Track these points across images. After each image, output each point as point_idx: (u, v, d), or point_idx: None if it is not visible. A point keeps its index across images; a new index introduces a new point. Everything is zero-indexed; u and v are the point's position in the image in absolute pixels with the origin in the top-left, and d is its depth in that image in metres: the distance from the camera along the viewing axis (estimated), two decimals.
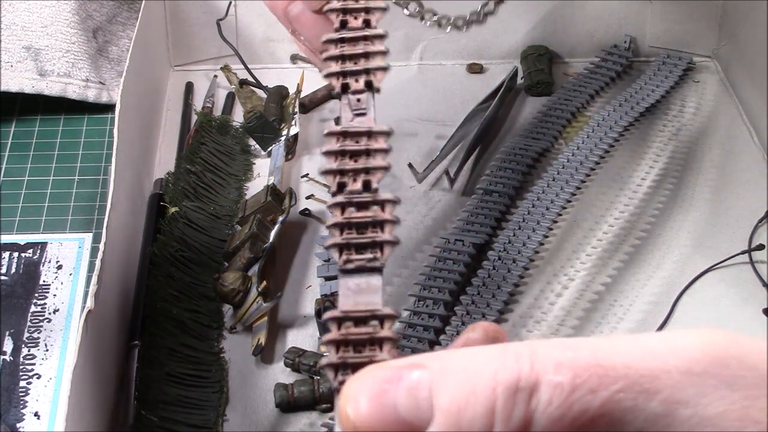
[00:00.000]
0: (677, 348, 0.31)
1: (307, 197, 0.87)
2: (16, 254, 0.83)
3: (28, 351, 0.75)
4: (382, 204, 0.42)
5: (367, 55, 0.45)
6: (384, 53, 0.45)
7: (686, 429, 0.30)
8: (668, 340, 0.31)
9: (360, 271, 0.40)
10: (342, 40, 0.45)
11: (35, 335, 0.77)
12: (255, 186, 0.88)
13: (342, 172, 0.42)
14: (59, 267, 0.82)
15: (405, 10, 0.67)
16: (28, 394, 0.73)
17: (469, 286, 0.77)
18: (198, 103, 0.97)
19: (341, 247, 0.41)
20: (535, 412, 0.30)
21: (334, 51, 0.45)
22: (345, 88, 0.45)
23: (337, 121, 0.43)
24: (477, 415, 0.30)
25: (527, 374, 0.31)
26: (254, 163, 0.91)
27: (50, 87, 0.96)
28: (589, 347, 0.31)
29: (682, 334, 0.31)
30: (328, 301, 0.77)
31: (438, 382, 0.31)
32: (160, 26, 0.99)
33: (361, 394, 0.32)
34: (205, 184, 0.87)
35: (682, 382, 0.30)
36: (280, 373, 0.74)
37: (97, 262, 0.68)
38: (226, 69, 1.00)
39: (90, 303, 0.66)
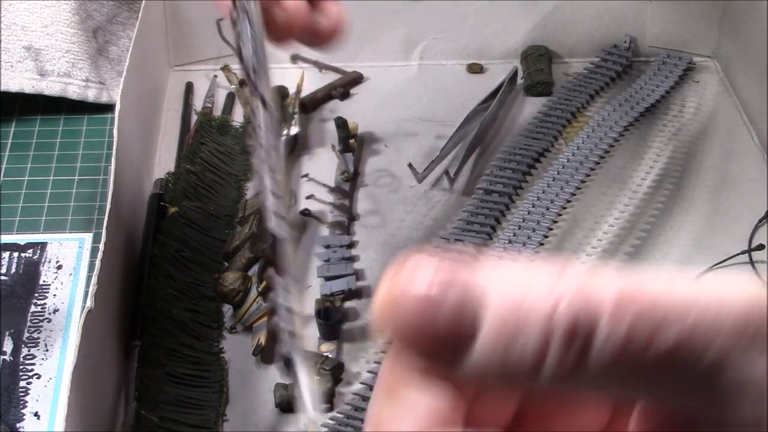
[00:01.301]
0: (732, 299, 0.30)
1: (307, 197, 0.87)
2: (16, 254, 0.83)
3: (28, 351, 0.75)
4: None
5: None
6: None
7: (731, 388, 0.29)
8: (724, 289, 0.30)
9: None
10: None
11: (35, 335, 0.77)
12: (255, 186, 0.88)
13: None
14: (59, 267, 0.82)
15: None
16: (28, 394, 0.73)
17: None
18: (198, 103, 0.97)
19: None
20: (593, 344, 0.29)
21: None
22: None
23: None
24: (528, 346, 0.29)
25: (587, 305, 0.29)
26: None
27: (50, 87, 0.96)
28: (652, 283, 0.30)
29: (738, 286, 0.31)
30: (328, 301, 0.77)
31: (488, 297, 0.30)
32: (160, 26, 0.99)
33: (404, 298, 0.31)
34: (205, 184, 0.87)
35: (732, 341, 0.30)
36: (280, 373, 0.74)
37: (97, 262, 0.68)
38: (226, 69, 1.00)
39: (90, 303, 0.66)
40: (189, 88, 0.99)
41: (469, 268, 0.30)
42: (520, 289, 0.29)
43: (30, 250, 0.83)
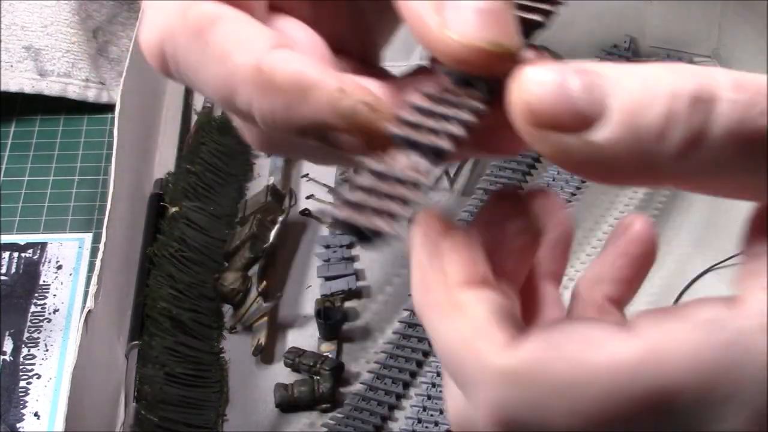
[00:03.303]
0: None
1: (307, 197, 0.87)
2: (16, 254, 0.83)
3: (28, 351, 0.75)
4: None
5: None
6: None
7: None
8: None
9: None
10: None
11: (35, 335, 0.77)
12: (255, 186, 0.88)
13: None
14: (59, 267, 0.82)
15: None
16: (28, 394, 0.73)
17: None
18: (198, 103, 0.97)
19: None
20: (713, 122, 0.31)
21: None
22: None
23: None
24: (655, 117, 0.31)
25: (705, 87, 0.31)
26: (254, 163, 0.91)
27: (50, 87, 0.96)
28: (759, 77, 0.32)
29: None
30: (328, 301, 0.77)
31: (614, 85, 0.32)
32: None
33: (546, 81, 0.32)
34: (205, 184, 0.87)
35: None
36: (280, 373, 0.74)
37: (97, 262, 0.68)
38: None
39: (90, 303, 0.66)
40: (189, 88, 0.99)
41: (592, 71, 0.32)
42: (642, 73, 0.32)
43: (30, 250, 0.83)
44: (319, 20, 0.40)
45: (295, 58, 0.35)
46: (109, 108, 0.96)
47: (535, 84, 0.32)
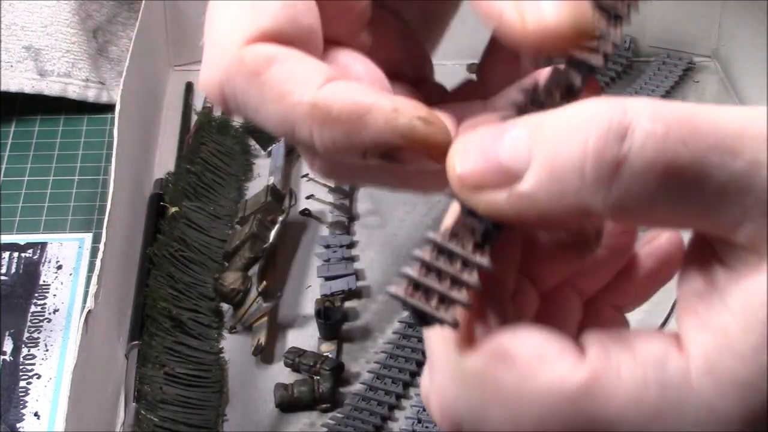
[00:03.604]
0: (757, 117, 0.32)
1: (307, 197, 0.87)
2: (16, 254, 0.83)
3: (28, 351, 0.75)
4: None
5: None
6: None
7: (765, 189, 0.32)
8: (747, 111, 0.33)
9: None
10: None
11: (35, 335, 0.77)
12: (255, 186, 0.88)
13: None
14: (59, 267, 0.82)
15: None
16: (28, 394, 0.73)
17: None
18: (198, 103, 0.97)
19: None
20: (629, 153, 0.31)
21: None
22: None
23: None
24: (570, 155, 0.32)
25: (620, 119, 0.31)
26: (254, 163, 0.91)
27: (50, 87, 0.96)
28: (679, 106, 0.32)
29: (759, 108, 0.33)
30: (328, 301, 0.77)
31: (535, 133, 0.33)
32: (160, 26, 0.99)
33: (467, 149, 0.33)
34: (205, 184, 0.87)
35: (763, 145, 0.32)
36: (280, 373, 0.74)
37: (97, 262, 0.68)
38: None
39: (90, 303, 0.66)
40: (189, 88, 0.99)
41: (514, 128, 0.33)
42: (560, 119, 0.33)
43: (30, 250, 0.83)
44: (375, 48, 0.42)
45: (348, 88, 0.37)
46: (109, 108, 0.96)
47: (461, 154, 0.34)
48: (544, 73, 0.37)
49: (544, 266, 0.39)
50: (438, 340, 0.35)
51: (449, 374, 0.35)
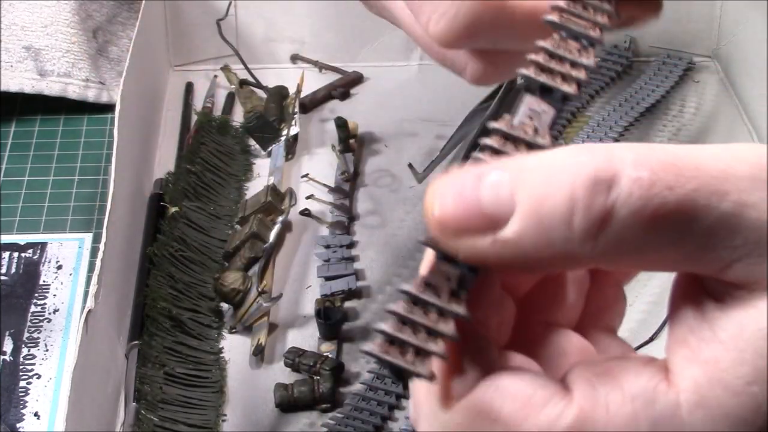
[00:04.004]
0: (741, 156, 0.32)
1: (307, 197, 0.87)
2: (16, 254, 0.83)
3: (28, 351, 0.75)
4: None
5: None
6: None
7: (753, 229, 0.31)
8: (731, 149, 0.33)
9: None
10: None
11: (35, 335, 0.77)
12: (255, 186, 0.88)
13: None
14: (59, 267, 0.82)
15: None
16: (28, 394, 0.73)
17: None
18: (198, 103, 0.97)
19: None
20: (615, 203, 0.31)
21: None
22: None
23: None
24: (557, 205, 0.31)
25: (606, 168, 0.31)
26: (254, 163, 0.91)
27: (50, 87, 0.96)
28: (662, 149, 0.32)
29: (742, 145, 0.33)
30: (328, 301, 0.77)
31: (518, 178, 0.32)
32: (160, 26, 0.99)
33: (446, 192, 0.33)
34: (205, 184, 0.87)
35: (749, 186, 0.32)
36: (280, 373, 0.74)
37: (97, 262, 0.68)
38: (226, 69, 1.00)
39: (90, 303, 0.66)
40: (189, 88, 0.99)
41: (493, 171, 0.33)
42: (544, 164, 0.32)
43: (30, 250, 0.83)
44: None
45: None
46: (109, 108, 0.96)
47: (440, 199, 0.33)
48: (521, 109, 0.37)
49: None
50: (422, 390, 0.35)
51: (433, 427, 0.34)
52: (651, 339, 0.74)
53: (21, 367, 0.74)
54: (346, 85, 0.99)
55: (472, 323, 0.34)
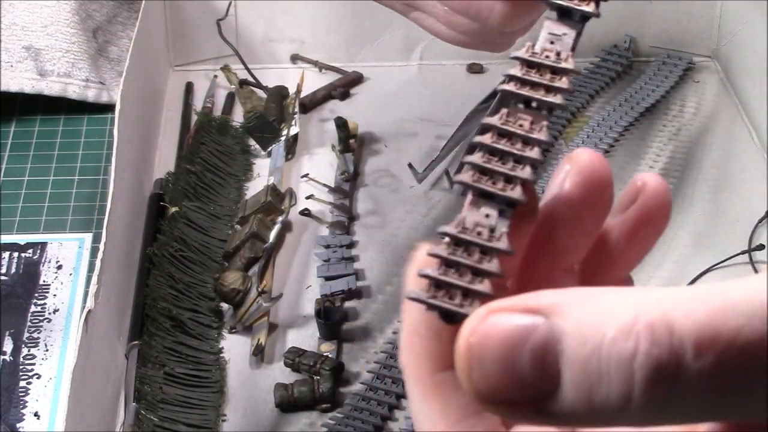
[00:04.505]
0: None
1: (307, 197, 0.87)
2: (16, 254, 0.83)
3: (28, 351, 0.75)
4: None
5: None
6: None
7: None
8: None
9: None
10: None
11: (35, 335, 0.77)
12: (255, 186, 0.88)
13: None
14: (59, 267, 0.82)
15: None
16: (28, 394, 0.73)
17: None
18: (198, 103, 0.97)
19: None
20: (678, 383, 0.28)
21: None
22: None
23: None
24: (611, 396, 0.29)
25: (667, 360, 0.28)
26: (254, 163, 0.91)
27: (50, 87, 0.96)
28: (728, 313, 0.29)
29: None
30: (328, 301, 0.77)
31: (566, 346, 0.29)
32: (160, 26, 0.99)
33: (488, 355, 0.29)
34: (205, 184, 0.87)
35: None
36: (280, 373, 0.74)
37: (97, 262, 0.68)
38: (226, 69, 1.00)
39: (90, 303, 0.66)
40: (189, 88, 0.99)
41: (541, 309, 0.30)
42: (596, 332, 0.29)
43: (30, 250, 0.83)
44: None
45: None
46: (109, 108, 0.96)
47: (478, 367, 0.29)
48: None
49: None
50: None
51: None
52: None
53: (21, 367, 0.74)
54: (346, 85, 0.99)
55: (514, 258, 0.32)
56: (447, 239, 0.33)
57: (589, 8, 0.36)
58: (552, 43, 0.36)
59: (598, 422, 0.29)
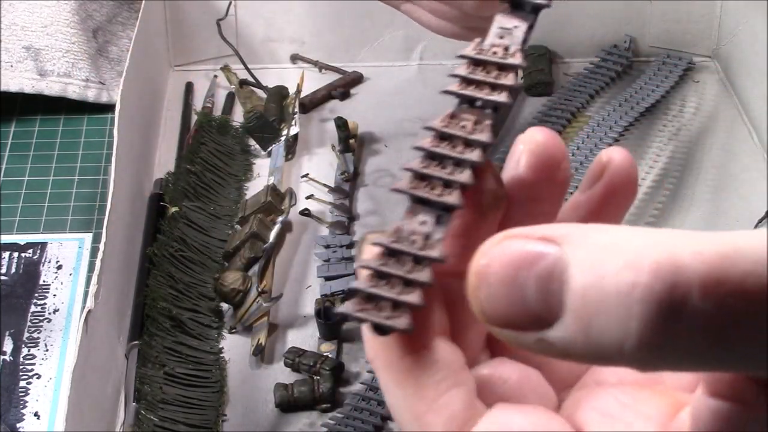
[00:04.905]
0: None
1: (307, 197, 0.87)
2: (16, 254, 0.83)
3: (28, 351, 0.75)
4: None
5: None
6: None
7: None
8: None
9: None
10: None
11: (35, 335, 0.77)
12: (255, 186, 0.88)
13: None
14: (59, 267, 0.82)
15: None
16: (28, 394, 0.73)
17: None
18: (198, 103, 0.97)
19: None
20: (680, 322, 0.28)
21: None
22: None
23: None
24: (609, 329, 0.28)
25: (669, 298, 0.28)
26: (254, 163, 0.91)
27: (50, 87, 0.96)
28: (734, 257, 0.28)
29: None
30: (328, 301, 0.77)
31: (570, 274, 0.29)
32: (160, 26, 0.99)
33: (496, 277, 0.30)
34: (205, 184, 0.87)
35: None
36: (280, 373, 0.74)
37: (97, 262, 0.68)
38: (226, 69, 1.00)
39: (90, 303, 0.66)
40: (189, 88, 0.99)
41: (554, 238, 0.30)
42: (602, 264, 0.29)
43: (30, 250, 0.83)
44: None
45: None
46: (109, 108, 0.96)
47: (486, 287, 0.30)
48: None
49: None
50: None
51: None
52: None
53: (21, 367, 0.74)
54: (346, 85, 0.99)
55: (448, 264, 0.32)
56: (380, 250, 0.33)
57: None
58: (501, 37, 0.35)
59: (597, 359, 0.29)
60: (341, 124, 0.90)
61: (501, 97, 0.34)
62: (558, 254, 0.29)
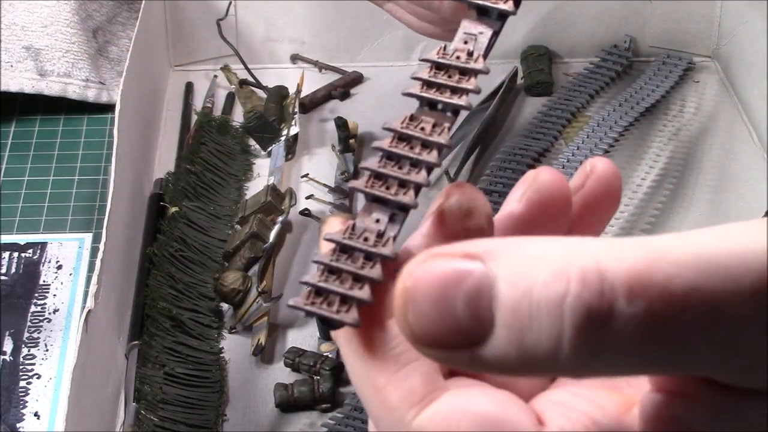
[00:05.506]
0: (745, 262, 0.28)
1: (307, 197, 0.87)
2: (16, 254, 0.83)
3: (28, 351, 0.75)
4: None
5: None
6: None
7: (748, 354, 0.28)
8: (733, 250, 0.29)
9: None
10: None
11: (35, 335, 0.77)
12: (255, 186, 0.88)
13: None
14: (59, 267, 0.82)
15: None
16: (28, 394, 0.73)
17: None
18: (198, 103, 0.97)
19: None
20: (610, 328, 0.28)
21: None
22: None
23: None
24: (541, 340, 0.28)
25: (597, 305, 0.28)
26: (254, 163, 0.91)
27: (50, 87, 0.96)
28: (662, 257, 0.28)
29: (746, 240, 0.29)
30: None
31: (499, 290, 0.29)
32: (160, 26, 0.99)
33: (423, 297, 0.29)
34: (205, 184, 0.87)
35: (749, 305, 0.28)
36: (280, 373, 0.74)
37: (97, 262, 0.68)
38: (226, 69, 1.00)
39: (90, 303, 0.66)
40: (189, 88, 0.99)
41: (477, 254, 0.29)
42: (529, 276, 0.29)
43: (30, 250, 0.83)
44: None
45: None
46: (109, 108, 0.96)
47: (413, 308, 0.29)
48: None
49: None
50: (379, 404, 0.33)
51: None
52: None
53: (21, 367, 0.74)
54: (346, 85, 0.99)
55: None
56: (333, 246, 0.34)
57: (506, 6, 0.36)
58: (465, 42, 0.36)
59: (531, 371, 0.29)
60: (341, 124, 0.90)
61: (461, 101, 0.35)
62: (483, 270, 0.29)
